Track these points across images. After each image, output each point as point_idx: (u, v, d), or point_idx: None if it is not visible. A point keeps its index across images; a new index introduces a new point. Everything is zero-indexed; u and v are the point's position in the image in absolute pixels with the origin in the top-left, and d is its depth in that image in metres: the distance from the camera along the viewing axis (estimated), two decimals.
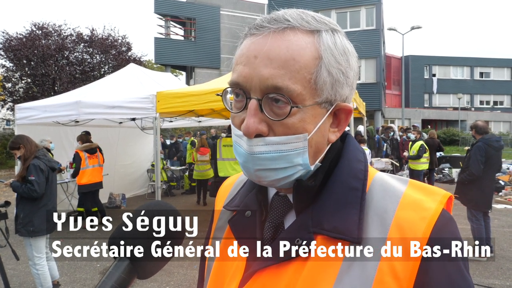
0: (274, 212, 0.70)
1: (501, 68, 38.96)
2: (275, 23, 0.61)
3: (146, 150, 11.16)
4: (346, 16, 24.59)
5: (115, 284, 0.56)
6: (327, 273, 0.59)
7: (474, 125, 5.48)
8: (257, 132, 0.60)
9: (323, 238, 0.61)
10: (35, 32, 19.56)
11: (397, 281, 0.56)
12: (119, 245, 0.59)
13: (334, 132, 0.67)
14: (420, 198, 0.62)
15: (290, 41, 0.60)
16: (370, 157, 9.11)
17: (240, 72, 0.62)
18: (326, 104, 0.63)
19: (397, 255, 0.57)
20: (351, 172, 0.66)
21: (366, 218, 0.61)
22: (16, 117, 7.19)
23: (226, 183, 0.90)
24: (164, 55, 26.64)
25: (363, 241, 0.59)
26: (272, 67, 0.59)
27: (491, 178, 5.39)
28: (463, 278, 0.59)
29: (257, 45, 0.61)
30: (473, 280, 2.55)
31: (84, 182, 7.30)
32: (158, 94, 6.22)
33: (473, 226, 5.37)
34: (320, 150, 0.66)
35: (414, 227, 0.59)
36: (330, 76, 0.62)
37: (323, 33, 0.63)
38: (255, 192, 0.74)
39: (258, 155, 0.62)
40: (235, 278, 0.68)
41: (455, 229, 0.62)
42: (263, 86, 0.59)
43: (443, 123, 34.76)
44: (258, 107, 0.60)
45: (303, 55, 0.60)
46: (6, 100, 20.27)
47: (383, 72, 27.27)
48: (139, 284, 4.64)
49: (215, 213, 0.85)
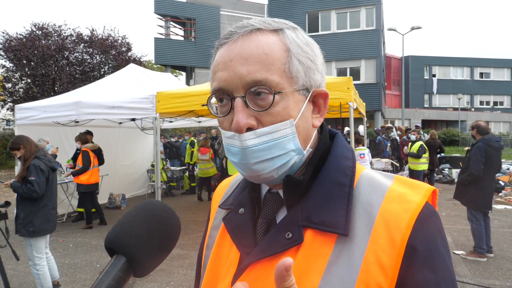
0: (266, 208, 0.73)
1: (501, 68, 38.96)
2: (242, 29, 0.67)
3: (146, 150, 11.16)
4: (346, 17, 24.60)
5: (112, 282, 0.56)
6: (316, 264, 0.62)
7: (476, 125, 5.44)
8: (247, 126, 0.64)
9: (312, 231, 0.64)
10: (35, 33, 19.59)
11: (382, 270, 0.59)
12: (116, 244, 0.60)
13: (317, 117, 0.72)
14: (405, 192, 0.65)
15: (258, 40, 0.65)
16: (369, 157, 9.11)
17: (220, 77, 0.66)
18: (304, 91, 0.68)
19: (382, 246, 0.60)
20: (339, 168, 0.69)
21: (353, 212, 0.64)
22: (16, 117, 7.19)
23: (222, 184, 0.94)
24: (164, 55, 26.63)
25: (350, 233, 0.62)
26: (248, 65, 0.63)
27: (491, 179, 5.38)
28: (445, 268, 0.61)
29: (230, 50, 0.66)
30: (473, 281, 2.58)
31: (92, 182, 7.36)
32: (158, 94, 6.23)
33: (473, 227, 5.37)
34: (308, 136, 0.70)
35: (398, 218, 0.61)
36: (302, 64, 0.67)
37: (285, 30, 0.68)
38: (248, 190, 0.77)
39: (252, 148, 0.65)
40: (229, 272, 0.71)
41: (438, 221, 0.64)
42: (244, 83, 0.63)
43: (443, 123, 34.76)
44: (244, 104, 0.64)
45: (273, 50, 0.65)
46: (6, 100, 20.30)
47: (383, 72, 27.27)
48: (140, 284, 4.64)
49: (211, 212, 0.89)
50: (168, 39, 27.77)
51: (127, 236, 0.60)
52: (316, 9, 24.96)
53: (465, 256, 5.39)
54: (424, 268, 0.59)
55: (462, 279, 4.55)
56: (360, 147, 9.13)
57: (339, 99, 5.49)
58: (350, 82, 5.34)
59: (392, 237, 0.60)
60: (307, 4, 24.95)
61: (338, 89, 5.30)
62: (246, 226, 0.73)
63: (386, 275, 0.58)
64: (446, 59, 38.34)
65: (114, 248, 0.60)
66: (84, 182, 7.31)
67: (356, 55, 24.14)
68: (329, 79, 5.61)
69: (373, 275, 0.58)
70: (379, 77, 23.99)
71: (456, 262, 5.22)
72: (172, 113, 6.74)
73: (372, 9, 23.93)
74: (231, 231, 0.74)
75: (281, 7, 25.30)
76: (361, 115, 8.58)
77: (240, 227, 0.73)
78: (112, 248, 0.60)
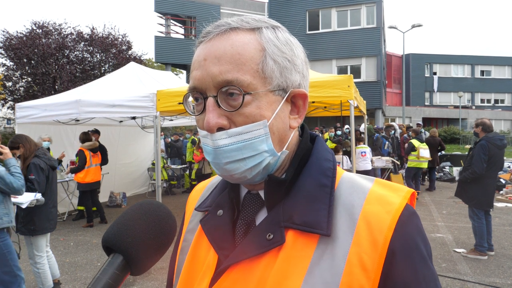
0: (246, 210, 0.72)
1: (502, 66, 38.89)
2: (218, 28, 0.66)
3: (147, 148, 11.17)
4: (347, 15, 24.54)
5: (109, 281, 0.57)
6: (298, 265, 0.61)
7: (481, 123, 5.37)
8: (217, 125, 0.64)
9: (294, 232, 0.64)
10: (36, 31, 19.57)
11: (365, 272, 0.58)
12: (113, 242, 0.61)
13: (295, 118, 0.70)
14: (386, 194, 0.66)
15: (233, 40, 0.64)
16: (370, 155, 9.10)
17: (194, 76, 0.66)
18: (279, 91, 0.66)
19: (364, 247, 0.60)
20: (320, 169, 0.69)
21: (335, 213, 0.64)
22: (17, 116, 7.19)
23: (198, 187, 0.92)
24: (165, 54, 26.61)
25: (333, 234, 0.62)
26: (220, 64, 0.63)
27: (493, 177, 5.36)
28: (427, 267, 0.62)
29: (205, 49, 0.66)
30: (474, 279, 2.57)
31: (88, 181, 7.36)
32: (158, 92, 6.22)
33: (475, 225, 5.37)
34: (284, 137, 0.68)
35: (380, 220, 0.61)
36: (277, 64, 0.65)
37: (263, 29, 0.67)
38: (227, 191, 0.76)
39: (223, 148, 0.64)
40: (206, 276, 0.69)
41: (418, 222, 0.65)
42: (216, 83, 0.63)
43: (443, 121, 34.73)
44: (215, 103, 0.64)
45: (247, 49, 0.64)
46: (7, 99, 20.31)
47: (384, 70, 27.23)
48: (140, 282, 4.64)
49: (185, 216, 0.86)
50: (169, 37, 27.75)
51: (124, 235, 0.61)
52: (317, 7, 24.91)
53: (466, 254, 5.38)
54: (405, 268, 0.59)
55: (463, 277, 4.55)
56: (361, 145, 9.12)
57: (339, 97, 5.47)
58: (351, 80, 5.32)
59: (375, 239, 0.60)
60: (308, 2, 24.90)
61: (339, 87, 5.29)
62: (225, 228, 0.71)
63: (369, 277, 0.58)
64: (447, 57, 38.28)
65: (111, 246, 0.61)
66: (79, 180, 7.35)
67: (357, 53, 24.10)
68: (330, 77, 5.59)
69: (356, 277, 0.58)
70: (379, 75, 23.96)
71: (457, 260, 5.21)
72: (173, 111, 6.72)
73: (372, 7, 23.87)
74: (208, 233, 0.73)
75: (281, 5, 25.25)
76: (361, 113, 8.56)
77: (218, 229, 0.72)
78: (109, 247, 0.61)
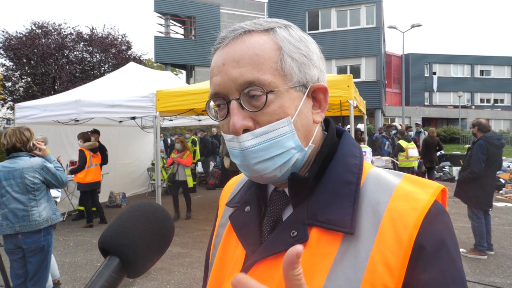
0: (272, 206, 0.73)
1: (501, 66, 38.90)
2: (233, 32, 0.67)
3: (146, 149, 11.17)
4: (346, 14, 24.55)
5: (106, 283, 0.57)
6: (322, 263, 0.61)
7: (477, 123, 5.40)
8: (243, 127, 0.64)
9: (318, 230, 0.64)
10: (35, 31, 19.55)
11: (388, 270, 0.58)
12: (110, 245, 0.60)
13: (318, 113, 0.71)
14: (413, 190, 0.64)
15: (249, 42, 0.65)
16: (371, 155, 9.10)
17: (215, 82, 0.67)
18: (300, 87, 0.67)
19: (388, 245, 0.59)
20: (346, 166, 0.68)
21: (360, 210, 0.63)
22: (16, 116, 7.19)
23: (230, 183, 0.94)
24: (164, 54, 26.60)
25: (356, 232, 0.61)
26: (239, 67, 0.64)
27: (492, 176, 5.36)
28: (454, 267, 0.60)
29: (222, 54, 0.67)
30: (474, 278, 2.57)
31: (88, 181, 7.35)
32: (158, 92, 6.22)
33: (474, 224, 5.37)
34: (309, 132, 0.69)
35: (405, 217, 0.60)
36: (294, 61, 0.66)
37: (276, 29, 0.68)
38: (254, 188, 0.77)
39: (251, 149, 0.65)
40: (235, 270, 0.71)
41: (447, 220, 0.63)
42: (237, 85, 0.64)
43: (443, 121, 34.74)
44: (239, 106, 0.65)
45: (264, 49, 0.65)
46: (6, 99, 20.29)
47: (383, 70, 27.23)
48: (140, 283, 4.64)
49: (219, 210, 0.89)
50: (168, 37, 27.76)
51: (121, 237, 0.60)
52: (316, 7, 24.91)
53: (466, 254, 5.39)
54: (431, 268, 0.58)
55: None
56: (362, 145, 9.13)
57: (339, 97, 5.48)
58: (350, 80, 5.33)
59: (399, 236, 0.59)
60: (307, 2, 24.90)
61: (338, 87, 5.30)
62: (252, 224, 0.73)
63: (393, 275, 0.57)
64: (446, 56, 38.28)
65: (107, 249, 0.60)
66: (79, 180, 7.35)
67: (356, 53, 24.11)
68: (330, 77, 5.60)
69: (379, 275, 0.58)
70: (379, 75, 23.96)
71: None
72: (172, 111, 6.73)
73: (372, 6, 23.88)
74: (237, 229, 0.74)
75: (281, 5, 25.25)
76: (361, 113, 8.57)
77: (246, 226, 0.73)
78: (105, 249, 0.60)
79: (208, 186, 11.90)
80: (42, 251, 3.46)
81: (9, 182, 3.32)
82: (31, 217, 3.36)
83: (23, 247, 3.39)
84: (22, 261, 3.45)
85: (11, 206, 3.33)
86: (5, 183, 3.32)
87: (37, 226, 3.38)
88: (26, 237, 3.37)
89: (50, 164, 3.49)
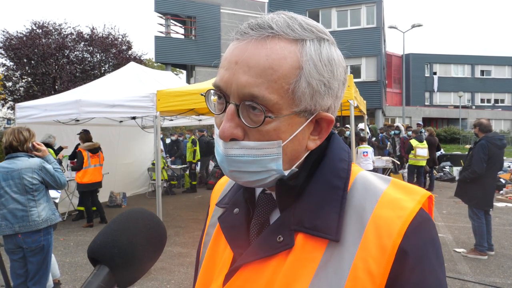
0: (260, 209, 0.73)
1: (502, 66, 38.88)
2: (258, 30, 0.61)
3: (147, 148, 11.17)
4: (347, 14, 24.55)
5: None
6: (306, 268, 0.61)
7: (478, 123, 5.39)
8: (231, 136, 0.62)
9: (304, 235, 0.63)
10: (36, 31, 19.55)
11: (370, 277, 0.57)
12: (98, 254, 0.58)
13: (314, 140, 0.67)
14: (399, 197, 0.63)
15: (270, 50, 0.60)
16: (372, 155, 9.10)
17: (221, 76, 0.63)
18: (305, 113, 0.63)
19: (372, 252, 0.58)
20: (333, 171, 0.67)
21: (346, 217, 0.62)
22: (17, 116, 7.18)
23: (221, 181, 0.93)
24: (165, 54, 26.62)
25: (341, 238, 0.61)
26: (250, 75, 0.59)
27: (493, 177, 5.36)
28: (435, 278, 0.59)
29: (239, 50, 0.61)
30: (474, 279, 2.56)
31: (85, 181, 7.34)
32: (158, 92, 6.22)
33: (474, 225, 5.37)
34: (296, 157, 0.66)
35: (390, 225, 0.59)
36: (310, 87, 0.62)
37: (307, 42, 0.62)
38: (242, 190, 0.76)
39: (232, 158, 0.64)
40: (222, 272, 0.71)
41: (431, 228, 0.62)
42: (241, 93, 0.60)
43: (443, 121, 34.72)
44: (236, 112, 0.62)
45: (282, 65, 0.60)
46: (7, 99, 20.28)
47: (384, 70, 27.23)
48: (140, 283, 4.64)
49: (209, 210, 0.89)
50: (169, 37, 27.78)
51: (110, 246, 0.58)
52: (317, 7, 24.92)
53: (466, 254, 5.39)
54: (411, 275, 0.57)
55: (463, 277, 4.55)
56: (364, 145, 9.10)
57: None
58: (351, 80, 5.33)
59: (383, 244, 0.58)
60: (308, 2, 24.91)
61: None
62: (240, 226, 0.72)
63: (374, 282, 0.57)
64: (447, 56, 38.27)
65: (96, 258, 0.58)
66: (78, 181, 7.36)
67: (357, 53, 24.10)
68: None
69: (361, 282, 0.57)
70: (379, 75, 23.97)
71: (457, 260, 5.22)
72: (173, 111, 6.72)
73: (372, 6, 23.89)
74: (225, 231, 0.74)
75: (281, 5, 25.23)
76: (361, 113, 8.57)
77: (234, 227, 0.73)
78: (94, 258, 0.59)
79: (208, 186, 11.91)
80: (42, 250, 3.46)
81: (8, 182, 3.32)
82: (30, 217, 3.36)
83: (23, 247, 3.39)
84: (23, 261, 3.45)
85: (10, 207, 3.32)
86: (3, 184, 3.31)
87: (36, 227, 3.38)
88: (26, 237, 3.37)
89: (49, 165, 3.48)
